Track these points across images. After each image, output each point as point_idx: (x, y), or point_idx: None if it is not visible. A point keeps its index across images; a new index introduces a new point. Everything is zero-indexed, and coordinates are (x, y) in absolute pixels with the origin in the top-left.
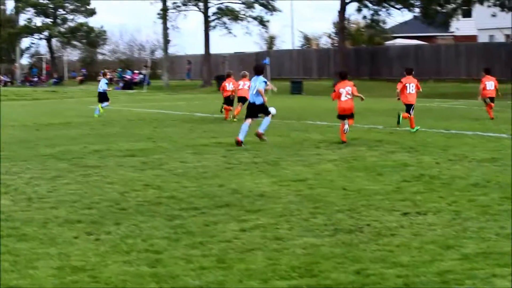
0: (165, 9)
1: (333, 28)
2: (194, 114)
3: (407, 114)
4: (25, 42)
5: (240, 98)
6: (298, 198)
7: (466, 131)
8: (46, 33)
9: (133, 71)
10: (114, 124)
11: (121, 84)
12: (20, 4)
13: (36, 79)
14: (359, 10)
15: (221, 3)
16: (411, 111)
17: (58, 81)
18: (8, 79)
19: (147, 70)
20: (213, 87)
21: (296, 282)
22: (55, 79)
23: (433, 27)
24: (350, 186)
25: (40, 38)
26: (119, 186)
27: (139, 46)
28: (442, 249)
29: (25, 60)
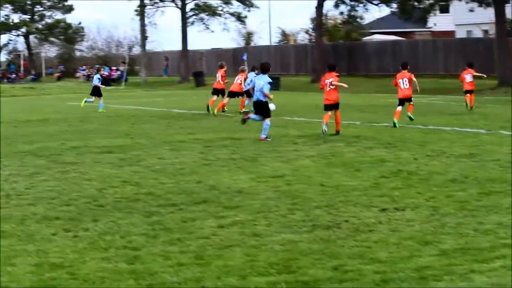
0: (143, 6)
1: (311, 24)
2: (172, 111)
3: (398, 112)
4: (3, 39)
5: (231, 93)
6: (276, 194)
7: (444, 127)
8: (24, 30)
9: (111, 68)
10: (92, 121)
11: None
12: None
13: (14, 76)
14: (337, 6)
15: None
16: (411, 102)
17: (36, 78)
18: None
19: (125, 67)
20: (191, 83)
21: (274, 279)
22: (33, 76)
23: (411, 23)
24: (328, 182)
25: (18, 35)
26: (97, 183)
27: (117, 43)
28: (420, 245)
29: (3, 57)
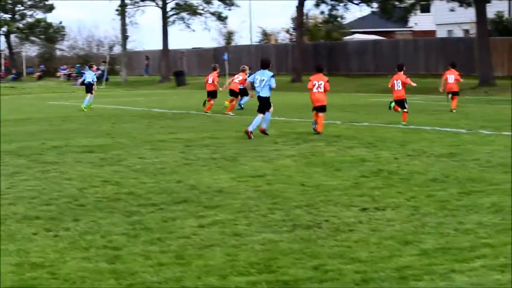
0: (124, 5)
1: (292, 24)
2: (152, 110)
3: (398, 108)
4: None
5: (232, 92)
6: (257, 194)
7: (425, 126)
8: (5, 29)
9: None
10: (73, 120)
11: (80, 80)
12: None
13: None
14: (317, 5)
15: None
16: (405, 105)
17: (17, 77)
18: None
19: (106, 66)
20: (172, 83)
21: (255, 278)
22: (14, 75)
23: (392, 22)
24: (309, 182)
25: None
26: (78, 182)
27: (98, 42)
28: (401, 245)
29: None
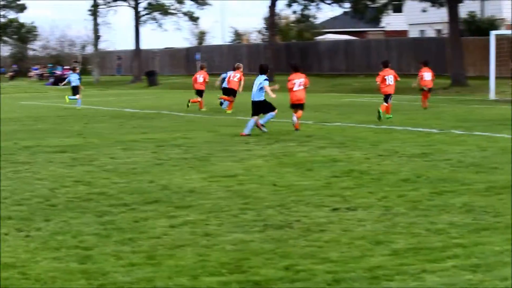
0: (96, 5)
1: (264, 23)
2: (124, 110)
3: (385, 106)
4: None
5: (231, 91)
6: (228, 194)
7: (396, 126)
8: None
9: (64, 67)
10: (45, 120)
11: (52, 80)
12: None
13: None
14: (290, 5)
15: None
16: (389, 100)
17: None
18: None
19: (78, 66)
20: (143, 83)
21: (226, 279)
22: None
23: (364, 22)
24: (280, 182)
25: None
26: (49, 183)
27: (70, 42)
28: (372, 245)
29: None
